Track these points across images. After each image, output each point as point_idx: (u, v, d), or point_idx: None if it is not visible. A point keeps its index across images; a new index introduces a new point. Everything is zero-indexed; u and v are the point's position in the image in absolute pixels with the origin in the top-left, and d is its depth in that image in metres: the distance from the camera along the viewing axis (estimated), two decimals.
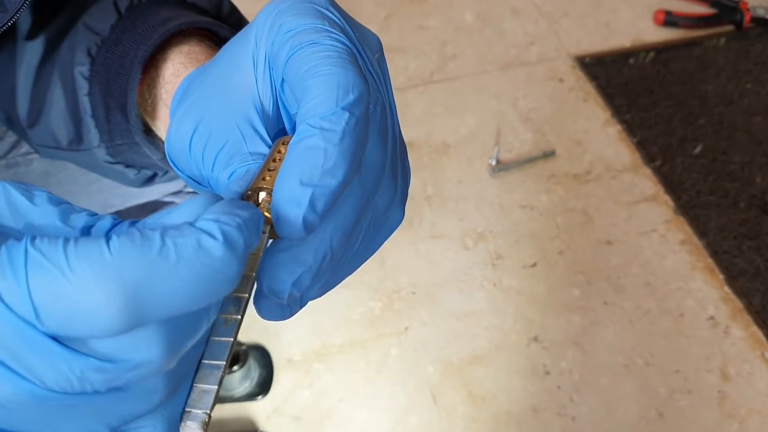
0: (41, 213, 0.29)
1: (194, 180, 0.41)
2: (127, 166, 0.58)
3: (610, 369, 1.18)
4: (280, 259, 0.33)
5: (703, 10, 1.73)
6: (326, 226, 0.33)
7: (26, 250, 0.25)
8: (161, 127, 0.53)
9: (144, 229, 0.26)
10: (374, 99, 0.35)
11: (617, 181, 1.42)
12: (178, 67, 0.51)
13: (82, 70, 0.53)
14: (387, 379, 1.16)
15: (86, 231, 0.29)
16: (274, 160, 0.34)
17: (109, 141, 0.55)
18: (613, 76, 1.61)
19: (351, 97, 0.32)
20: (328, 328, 1.20)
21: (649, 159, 1.46)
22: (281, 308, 0.36)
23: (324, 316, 1.22)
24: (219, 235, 0.27)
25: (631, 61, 1.64)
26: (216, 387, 0.30)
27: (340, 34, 0.35)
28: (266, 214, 0.33)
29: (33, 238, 0.25)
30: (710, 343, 1.22)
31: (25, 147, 0.73)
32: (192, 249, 0.26)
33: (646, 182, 1.42)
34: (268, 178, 0.34)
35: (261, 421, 1.11)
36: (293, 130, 0.40)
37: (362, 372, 1.16)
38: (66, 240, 0.25)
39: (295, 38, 0.35)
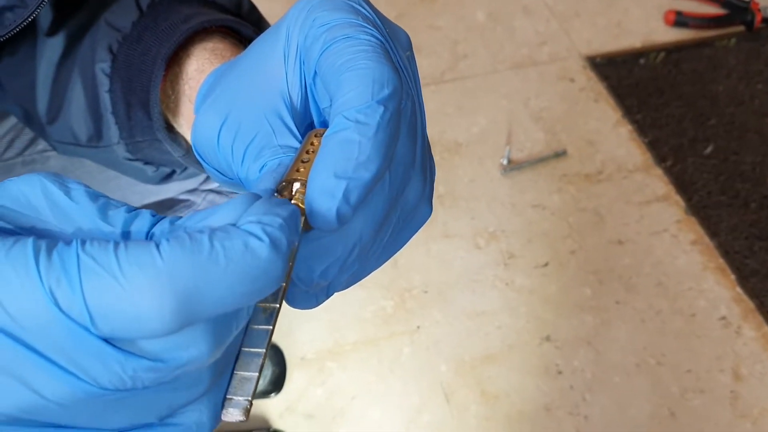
0: (80, 209, 0.29)
1: (221, 173, 0.41)
2: (146, 163, 0.58)
3: (623, 368, 1.18)
4: (310, 249, 0.34)
5: (714, 10, 1.73)
6: (357, 219, 0.33)
7: (78, 256, 0.25)
8: (183, 123, 0.53)
9: (191, 231, 0.27)
10: (405, 94, 0.35)
11: (629, 181, 1.42)
12: (202, 63, 0.51)
13: (103, 66, 0.53)
14: (399, 377, 1.16)
15: (127, 228, 0.29)
16: (307, 152, 0.34)
17: (129, 138, 0.55)
18: (624, 76, 1.61)
19: (386, 92, 0.33)
20: (341, 326, 1.21)
21: (660, 159, 1.46)
22: (307, 296, 0.37)
23: (337, 315, 1.22)
24: (264, 237, 0.27)
25: (642, 61, 1.64)
26: (257, 374, 0.31)
27: (374, 29, 0.35)
28: (300, 205, 0.33)
29: (83, 243, 0.26)
30: (722, 343, 1.22)
31: (41, 144, 0.73)
32: (240, 251, 0.27)
33: (658, 182, 1.42)
34: (302, 169, 0.34)
35: (274, 419, 1.11)
36: (322, 124, 0.40)
37: (375, 370, 1.17)
38: (116, 244, 0.26)
39: (330, 32, 0.35)
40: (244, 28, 0.54)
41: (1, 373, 0.25)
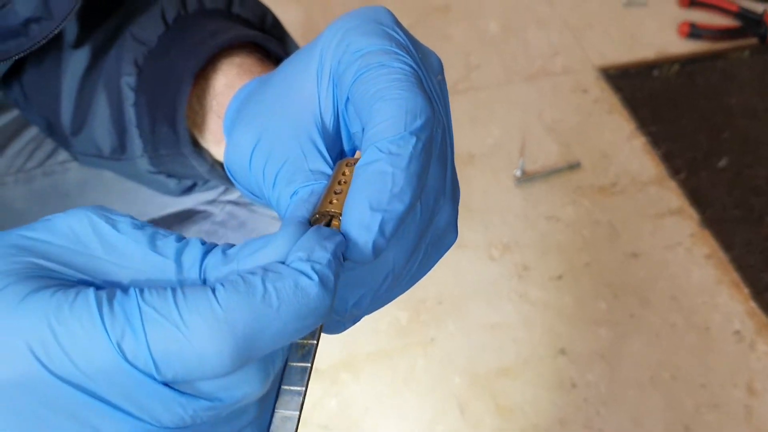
0: (129, 242, 0.30)
1: (253, 193, 0.41)
2: (169, 176, 0.58)
3: (637, 382, 1.18)
4: (344, 280, 0.34)
5: (728, 22, 1.73)
6: (390, 249, 0.34)
7: (140, 307, 0.26)
8: (210, 137, 0.53)
9: (245, 274, 0.28)
10: (437, 122, 0.35)
11: (643, 194, 1.42)
12: (231, 79, 0.51)
13: (128, 80, 0.54)
14: (414, 389, 1.16)
15: (179, 258, 0.30)
16: (339, 183, 0.34)
17: (152, 151, 0.55)
18: (638, 88, 1.61)
19: (418, 123, 0.33)
20: (355, 338, 1.21)
21: (674, 172, 1.46)
22: (337, 324, 0.37)
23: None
24: (314, 275, 0.28)
25: (656, 73, 1.64)
26: (297, 413, 0.31)
27: (407, 56, 0.35)
28: None
29: (141, 292, 0.27)
30: (736, 358, 1.22)
31: (62, 155, 0.74)
32: (291, 292, 0.28)
33: (671, 195, 1.42)
34: (335, 201, 0.34)
35: None
36: (352, 149, 0.40)
37: (389, 382, 1.17)
38: (174, 292, 0.27)
39: (364, 59, 0.35)
40: (270, 44, 0.54)
41: (72, 422, 0.26)
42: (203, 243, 0.31)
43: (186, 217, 0.81)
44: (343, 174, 0.35)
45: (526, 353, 1.21)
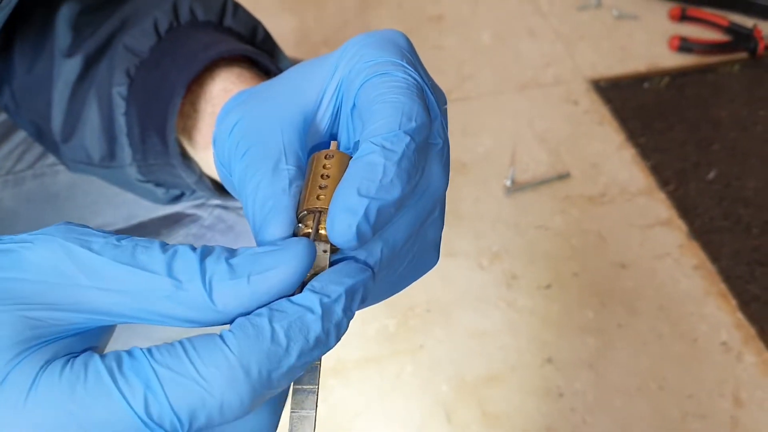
0: (110, 262, 0.29)
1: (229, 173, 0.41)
2: (157, 185, 0.58)
3: (624, 392, 1.18)
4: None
5: (718, 36, 1.74)
6: (376, 242, 0.34)
7: (153, 369, 0.27)
8: (200, 141, 0.54)
9: (252, 317, 0.29)
10: (442, 136, 0.37)
11: (631, 205, 1.43)
12: (227, 84, 0.51)
13: (120, 90, 0.54)
14: (401, 395, 1.16)
15: (171, 272, 0.29)
16: (322, 177, 0.34)
17: (141, 160, 0.56)
18: (628, 99, 1.62)
19: (413, 125, 0.34)
20: (343, 343, 1.20)
21: (663, 183, 1.47)
22: None
23: None
24: (318, 309, 0.30)
25: (646, 85, 1.65)
26: (314, 412, 0.32)
27: (413, 71, 0.36)
28: (324, 232, 0.33)
29: (150, 352, 0.27)
30: (723, 369, 1.22)
31: (52, 158, 0.74)
32: (297, 329, 0.29)
33: (660, 206, 1.43)
34: (322, 197, 0.34)
35: None
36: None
37: (377, 388, 1.17)
38: (184, 347, 0.28)
39: (372, 68, 0.36)
40: (262, 58, 0.54)
41: None
42: (193, 249, 0.30)
43: (174, 220, 0.81)
44: (325, 167, 0.35)
45: (513, 361, 1.21)
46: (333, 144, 0.36)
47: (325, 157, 0.35)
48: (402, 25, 1.72)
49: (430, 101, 0.36)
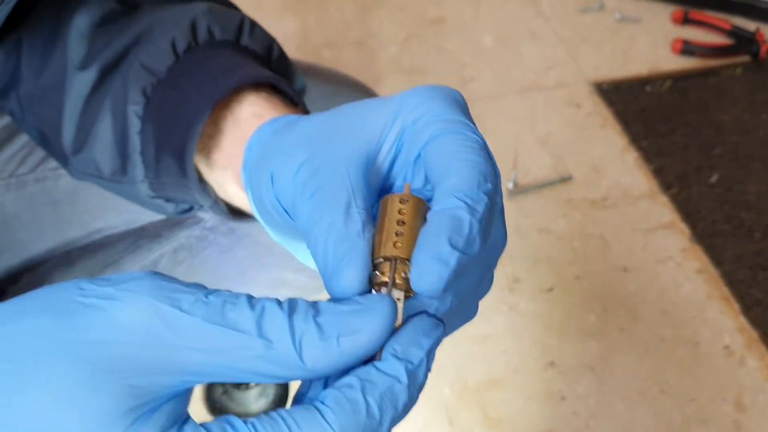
0: (200, 322, 0.30)
1: (275, 217, 0.41)
2: (167, 200, 0.58)
3: (626, 396, 1.18)
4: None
5: (720, 40, 1.74)
6: (449, 293, 0.35)
7: None
8: (219, 159, 0.53)
9: (345, 390, 0.30)
10: (501, 195, 0.38)
11: (634, 208, 1.43)
12: (257, 109, 0.51)
13: (136, 109, 0.53)
14: None
15: (261, 330, 0.30)
16: (398, 223, 0.35)
17: (154, 178, 0.55)
18: (631, 102, 1.62)
19: (489, 186, 0.36)
20: None
21: (665, 186, 1.47)
22: None
23: None
24: (404, 378, 0.31)
25: (649, 88, 1.65)
26: None
27: (479, 132, 0.39)
28: (401, 281, 0.34)
29: (254, 426, 0.29)
30: (725, 373, 1.22)
31: (54, 161, 0.74)
32: (388, 400, 0.30)
33: (663, 210, 1.43)
34: (399, 244, 0.34)
35: None
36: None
37: None
38: (284, 420, 0.29)
39: (443, 124, 0.38)
40: (281, 83, 0.53)
41: None
42: (279, 304, 0.31)
43: (176, 222, 0.81)
44: (400, 213, 0.35)
45: (515, 365, 1.21)
46: (407, 187, 0.37)
47: (400, 201, 0.35)
48: (404, 27, 1.72)
49: (493, 162, 0.39)
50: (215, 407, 1.12)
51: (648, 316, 1.28)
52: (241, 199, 0.54)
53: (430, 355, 0.32)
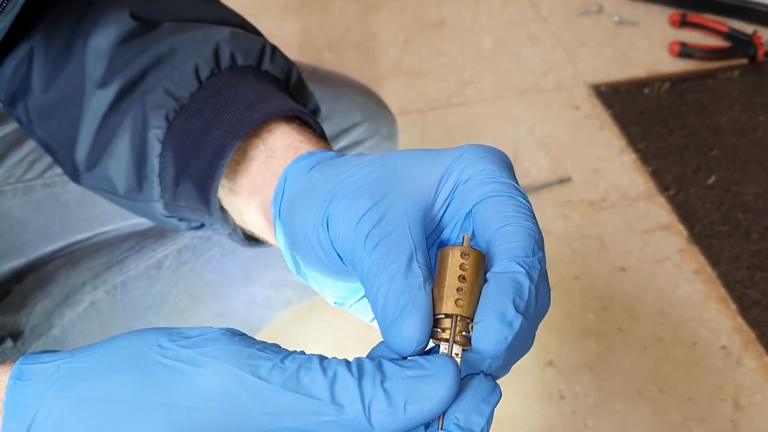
0: (277, 389, 0.32)
1: (324, 257, 0.42)
2: (180, 219, 0.59)
3: (625, 395, 1.19)
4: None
5: (718, 42, 1.75)
6: (504, 353, 0.37)
7: None
8: (245, 185, 0.53)
9: None
10: (545, 260, 0.40)
11: (632, 209, 1.44)
12: (292, 142, 0.51)
13: (157, 133, 0.54)
14: None
15: (333, 396, 0.32)
16: (460, 279, 0.36)
17: (170, 200, 0.56)
18: (629, 105, 1.63)
19: (541, 254, 0.38)
20: (346, 346, 1.22)
21: (663, 188, 1.48)
22: None
23: (342, 335, 1.23)
24: None
25: (647, 90, 1.66)
26: None
27: (526, 196, 0.41)
28: (461, 340, 0.35)
29: None
30: (723, 373, 1.23)
31: None
32: None
33: (661, 211, 1.44)
34: (461, 302, 0.35)
35: None
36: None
37: None
38: None
39: (495, 185, 0.40)
40: (304, 116, 0.54)
41: None
42: (349, 368, 0.33)
43: None
44: (462, 268, 0.36)
45: (515, 364, 1.22)
46: (467, 240, 0.38)
47: (462, 255, 0.36)
48: (404, 30, 1.74)
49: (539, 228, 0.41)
50: None
51: (646, 316, 1.29)
52: (260, 228, 0.55)
53: (489, 421, 0.34)
